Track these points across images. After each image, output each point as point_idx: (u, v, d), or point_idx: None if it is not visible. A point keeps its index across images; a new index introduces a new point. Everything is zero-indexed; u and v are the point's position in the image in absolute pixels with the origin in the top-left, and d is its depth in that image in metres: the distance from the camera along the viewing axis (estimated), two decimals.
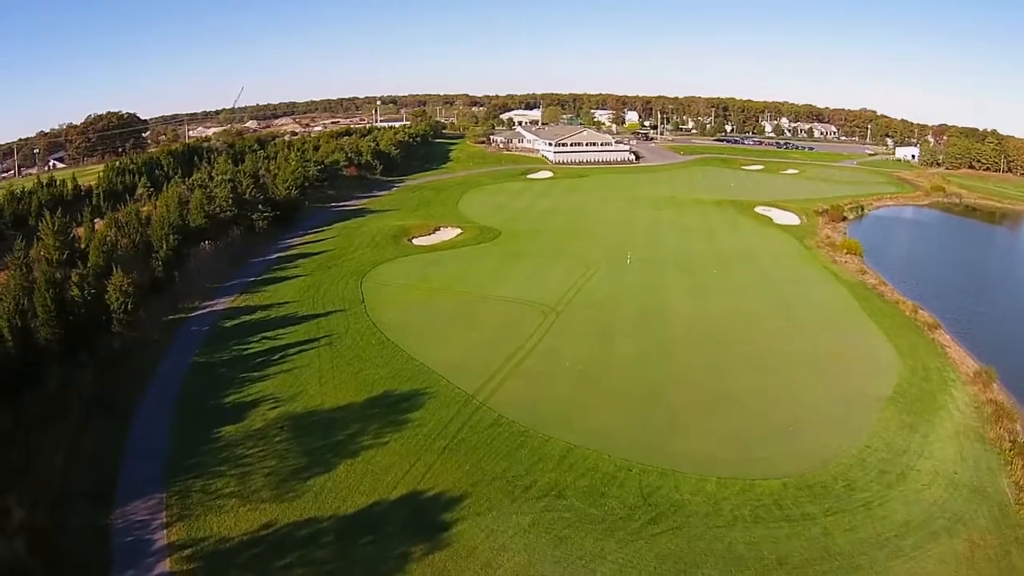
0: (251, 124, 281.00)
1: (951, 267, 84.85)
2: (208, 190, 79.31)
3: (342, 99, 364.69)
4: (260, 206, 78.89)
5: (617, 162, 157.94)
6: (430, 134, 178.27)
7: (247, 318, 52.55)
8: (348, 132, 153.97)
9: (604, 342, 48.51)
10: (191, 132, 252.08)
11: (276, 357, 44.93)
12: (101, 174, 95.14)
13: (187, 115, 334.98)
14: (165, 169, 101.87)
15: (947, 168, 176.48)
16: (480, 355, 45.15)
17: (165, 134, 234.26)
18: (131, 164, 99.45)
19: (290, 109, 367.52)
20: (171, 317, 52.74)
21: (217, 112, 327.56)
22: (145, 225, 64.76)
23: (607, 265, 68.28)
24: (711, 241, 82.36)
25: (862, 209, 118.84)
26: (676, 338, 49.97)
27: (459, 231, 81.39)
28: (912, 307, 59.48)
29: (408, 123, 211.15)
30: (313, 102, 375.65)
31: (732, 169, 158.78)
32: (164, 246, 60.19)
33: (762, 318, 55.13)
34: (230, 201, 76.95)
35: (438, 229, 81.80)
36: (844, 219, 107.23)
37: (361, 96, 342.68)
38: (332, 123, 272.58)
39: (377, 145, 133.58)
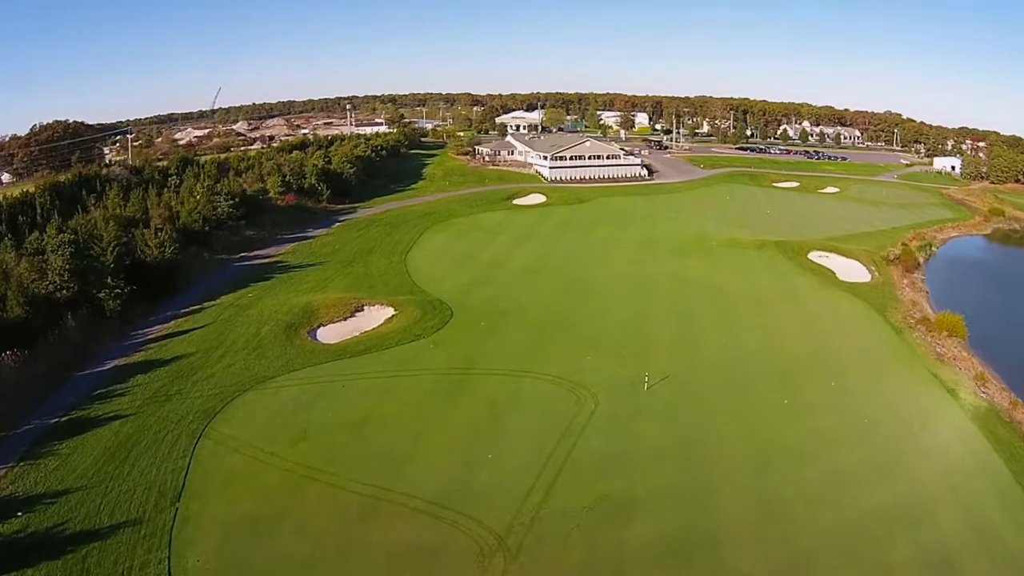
0: (240, 126, 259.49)
1: None
2: (43, 257, 55.71)
3: (340, 98, 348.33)
4: (110, 278, 55.04)
5: (626, 179, 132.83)
6: (403, 144, 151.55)
7: None
8: (303, 144, 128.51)
9: None
10: (178, 134, 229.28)
11: None
12: None
13: (182, 115, 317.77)
14: (38, 212, 77.23)
15: (992, 182, 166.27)
16: None
17: (139, 139, 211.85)
18: None
19: (286, 108, 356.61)
20: None
21: (213, 112, 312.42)
22: None
23: (609, 396, 42.60)
24: (764, 326, 56.78)
25: (930, 247, 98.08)
26: None
27: (391, 312, 55.46)
28: None
29: (389, 128, 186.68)
30: (311, 101, 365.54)
31: (763, 187, 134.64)
32: None
33: (885, 543, 29.82)
34: (66, 275, 53.27)
35: (360, 309, 55.98)
36: (918, 265, 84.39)
37: (360, 95, 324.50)
38: (325, 124, 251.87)
39: (328, 162, 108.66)
